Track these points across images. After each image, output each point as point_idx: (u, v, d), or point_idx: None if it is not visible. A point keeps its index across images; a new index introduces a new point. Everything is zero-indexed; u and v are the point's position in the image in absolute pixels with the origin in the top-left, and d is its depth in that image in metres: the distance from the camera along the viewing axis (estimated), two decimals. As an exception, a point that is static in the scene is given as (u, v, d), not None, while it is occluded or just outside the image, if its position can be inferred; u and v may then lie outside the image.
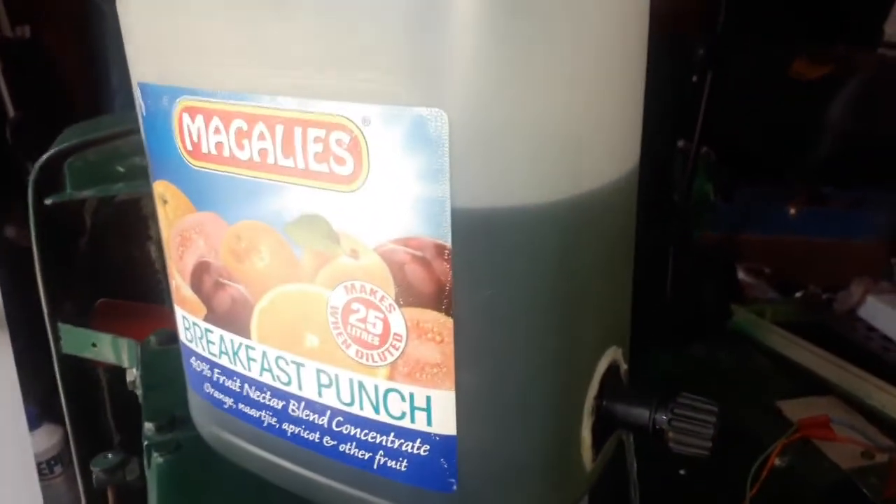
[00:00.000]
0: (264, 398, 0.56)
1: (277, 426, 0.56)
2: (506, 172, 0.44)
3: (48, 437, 1.72)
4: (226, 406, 0.59)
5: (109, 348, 0.94)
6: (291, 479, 0.58)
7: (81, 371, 1.06)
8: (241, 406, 0.58)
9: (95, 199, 1.06)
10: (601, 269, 0.52)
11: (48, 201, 0.94)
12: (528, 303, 0.47)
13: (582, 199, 0.47)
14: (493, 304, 0.46)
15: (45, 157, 0.94)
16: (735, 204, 2.49)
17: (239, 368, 0.57)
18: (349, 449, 0.53)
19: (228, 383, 0.58)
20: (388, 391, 0.49)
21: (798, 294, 1.67)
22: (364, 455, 0.52)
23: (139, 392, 0.81)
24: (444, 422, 0.48)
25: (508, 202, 0.44)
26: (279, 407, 0.55)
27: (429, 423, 0.49)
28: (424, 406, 0.48)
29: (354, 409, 0.51)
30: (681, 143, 2.16)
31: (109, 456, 0.76)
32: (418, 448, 0.50)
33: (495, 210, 0.44)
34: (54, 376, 1.02)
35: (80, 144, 0.96)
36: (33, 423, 1.65)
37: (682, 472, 1.13)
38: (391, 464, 0.51)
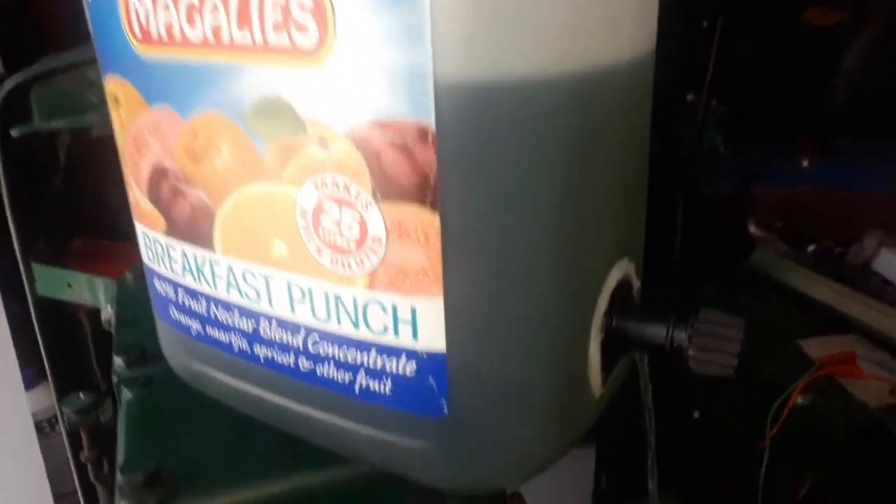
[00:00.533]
0: (232, 319, 0.50)
1: (249, 351, 0.50)
2: (500, 36, 0.37)
3: (47, 396, 1.68)
4: (193, 332, 0.54)
5: (85, 288, 0.88)
6: (267, 409, 0.52)
7: (62, 316, 1.00)
8: (209, 330, 0.52)
9: (69, 134, 1.00)
10: (612, 164, 0.45)
11: (14, 132, 0.87)
12: (527, 197, 0.40)
13: (593, 76, 0.40)
14: (486, 199, 0.40)
15: (9, 83, 0.88)
16: (746, 157, 2.42)
17: (204, 287, 0.51)
18: (327, 371, 0.47)
19: (194, 305, 0.52)
20: (367, 303, 0.43)
21: (810, 248, 1.60)
22: (344, 377, 0.46)
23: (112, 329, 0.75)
24: (432, 336, 0.42)
25: (503, 75, 0.38)
26: (249, 329, 0.49)
27: (414, 337, 0.42)
28: (409, 318, 0.42)
29: (331, 326, 0.45)
30: (690, 97, 2.08)
31: (81, 396, 0.70)
32: (403, 367, 0.44)
33: (487, 84, 0.37)
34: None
35: (48, 71, 0.89)
36: (33, 382, 1.62)
37: (696, 414, 1.07)
38: (374, 386, 0.45)
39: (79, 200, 1.02)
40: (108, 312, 0.80)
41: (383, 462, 0.48)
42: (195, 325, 0.53)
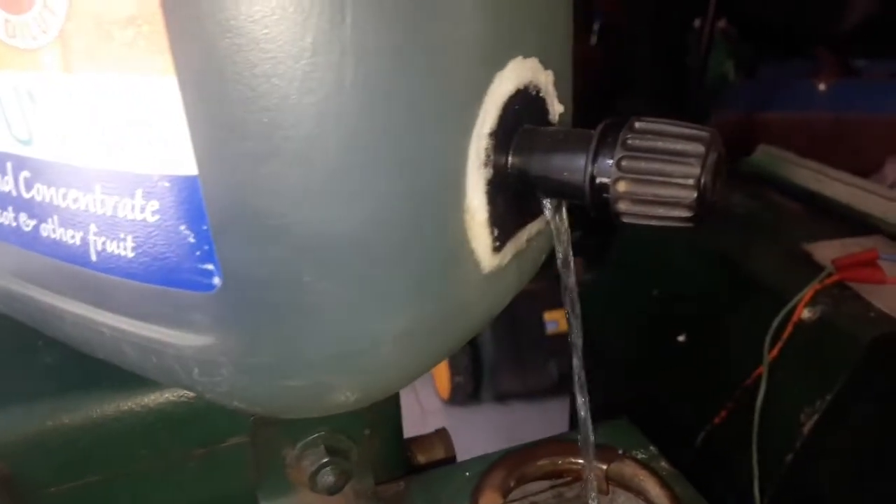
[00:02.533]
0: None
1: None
2: None
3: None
4: None
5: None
6: (14, 304, 0.36)
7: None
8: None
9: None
10: None
11: None
12: None
13: None
14: None
15: None
16: (758, 81, 2.22)
17: None
18: (54, 230, 0.30)
19: None
20: (71, 95, 0.26)
21: (828, 177, 1.41)
22: (74, 237, 0.29)
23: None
24: (171, 149, 0.25)
25: None
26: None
27: (144, 153, 0.25)
28: (126, 117, 0.25)
29: (35, 150, 0.28)
30: (697, 23, 1.88)
31: None
32: (142, 208, 0.27)
33: None
34: None
35: None
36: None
37: (680, 338, 0.91)
38: (112, 247, 0.28)
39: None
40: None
41: (158, 372, 0.32)
42: None
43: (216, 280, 0.27)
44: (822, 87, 2.04)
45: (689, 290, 0.86)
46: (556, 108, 0.35)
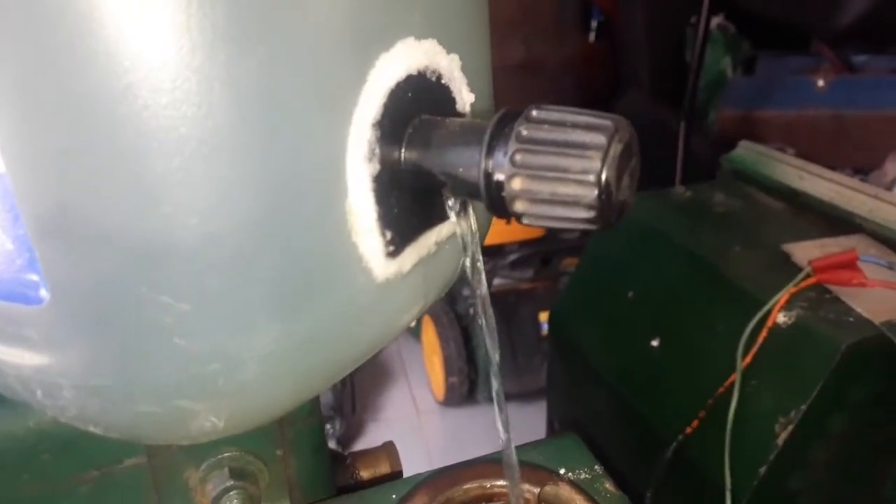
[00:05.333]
0: None
1: None
2: None
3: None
4: None
5: None
6: None
7: None
8: None
9: None
10: None
11: None
12: None
13: None
14: None
15: None
16: (756, 77, 2.19)
17: None
18: None
19: None
20: None
21: (827, 174, 1.38)
22: None
23: None
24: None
25: None
26: None
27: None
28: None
29: None
30: (694, 19, 1.84)
31: None
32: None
33: None
34: None
35: None
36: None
37: (654, 342, 0.86)
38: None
39: None
40: None
41: (9, 393, 0.28)
42: None
43: (43, 293, 0.24)
44: (820, 83, 2.00)
45: (664, 292, 0.82)
46: (465, 98, 0.31)
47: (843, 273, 0.67)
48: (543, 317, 1.51)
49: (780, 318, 0.67)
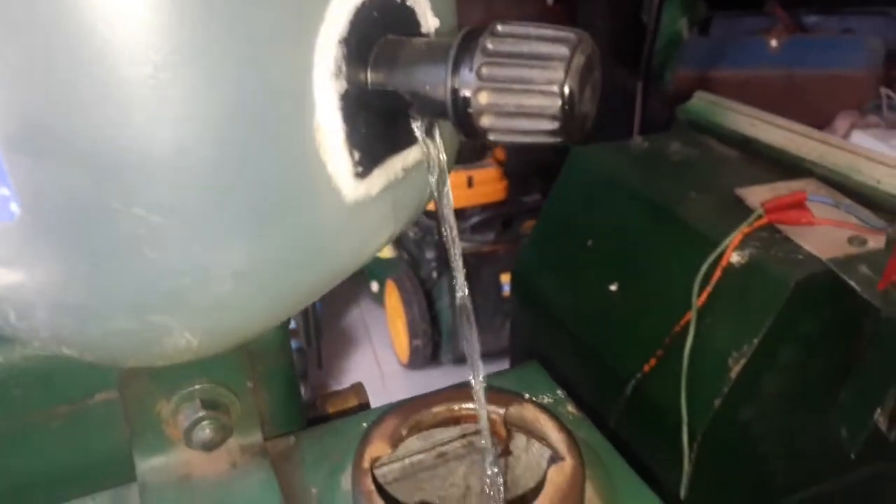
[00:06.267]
0: None
1: None
2: None
3: None
4: None
5: None
6: None
7: None
8: None
9: None
10: None
11: None
12: None
13: None
14: None
15: None
16: (711, 38, 2.21)
17: None
18: None
19: None
20: None
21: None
22: None
23: None
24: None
25: None
26: None
27: None
28: None
29: None
30: None
31: None
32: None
33: None
34: None
35: None
36: None
37: (612, 287, 0.89)
38: None
39: None
40: None
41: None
42: None
43: (14, 207, 0.24)
44: (773, 43, 2.04)
45: (622, 239, 0.84)
46: (429, 21, 0.32)
47: (792, 213, 0.70)
48: (505, 278, 1.53)
49: (734, 257, 0.69)
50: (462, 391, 0.41)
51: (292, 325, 1.29)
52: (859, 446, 0.70)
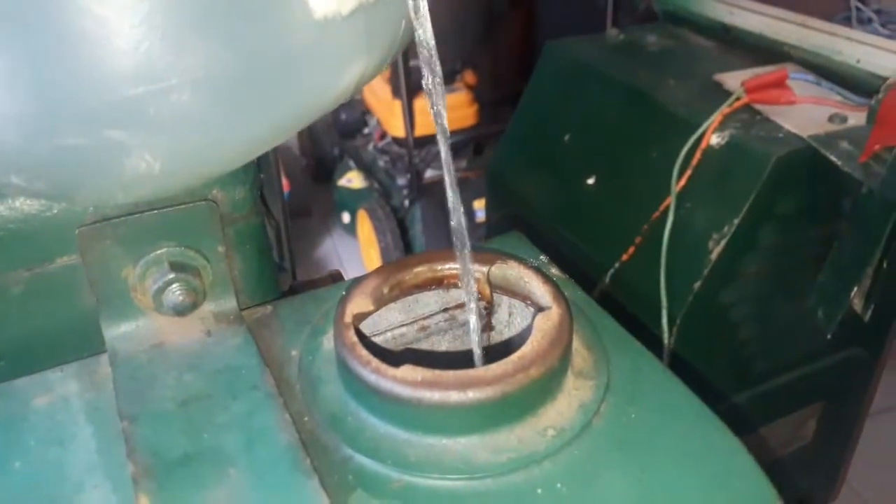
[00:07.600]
0: None
1: None
2: None
3: None
4: None
5: None
6: None
7: None
8: None
9: None
10: None
11: None
12: None
13: None
14: None
15: None
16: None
17: None
18: None
19: None
20: None
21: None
22: None
23: None
24: None
25: None
26: None
27: None
28: None
29: None
30: None
31: None
32: None
33: None
34: None
35: None
36: None
37: (590, 181, 0.87)
38: None
39: None
40: None
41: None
42: None
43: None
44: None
45: (600, 130, 0.82)
46: None
47: (773, 92, 0.68)
48: (478, 204, 1.51)
49: (714, 139, 0.68)
50: (444, 252, 0.40)
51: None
52: (835, 326, 0.71)
